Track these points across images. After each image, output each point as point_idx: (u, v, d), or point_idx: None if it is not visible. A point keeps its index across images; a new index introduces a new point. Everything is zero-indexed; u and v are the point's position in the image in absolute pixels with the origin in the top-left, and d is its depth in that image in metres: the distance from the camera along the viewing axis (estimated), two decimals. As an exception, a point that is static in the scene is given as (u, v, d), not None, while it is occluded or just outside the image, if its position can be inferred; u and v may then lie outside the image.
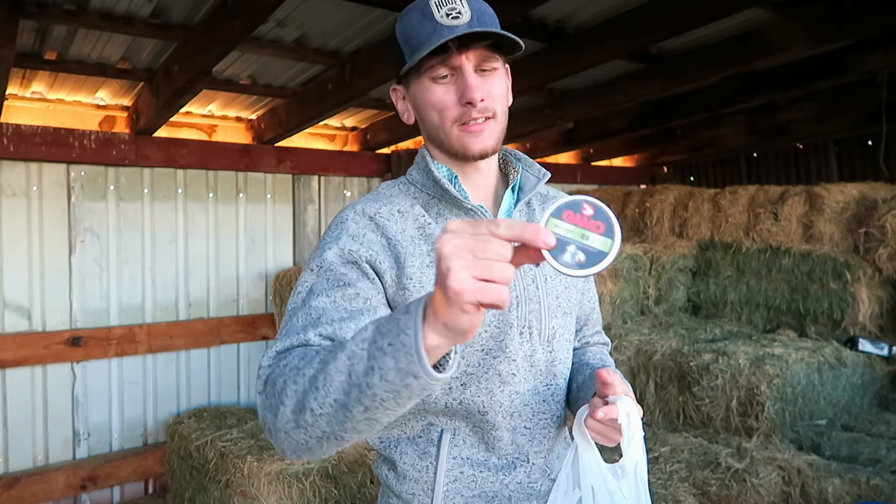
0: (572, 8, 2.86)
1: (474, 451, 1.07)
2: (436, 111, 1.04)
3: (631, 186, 5.82)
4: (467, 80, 1.01)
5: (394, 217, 1.05)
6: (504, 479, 1.07)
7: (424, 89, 1.04)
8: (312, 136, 4.45)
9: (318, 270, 1.00)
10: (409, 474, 1.07)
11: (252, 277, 4.15)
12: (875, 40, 3.43)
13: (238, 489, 2.86)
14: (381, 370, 0.72)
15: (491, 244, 0.65)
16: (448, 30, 0.98)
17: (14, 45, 2.46)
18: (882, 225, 3.66)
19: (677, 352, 3.40)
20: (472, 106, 1.01)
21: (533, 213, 1.17)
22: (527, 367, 1.07)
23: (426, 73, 1.03)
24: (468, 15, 0.99)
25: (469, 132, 1.03)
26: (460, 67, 1.01)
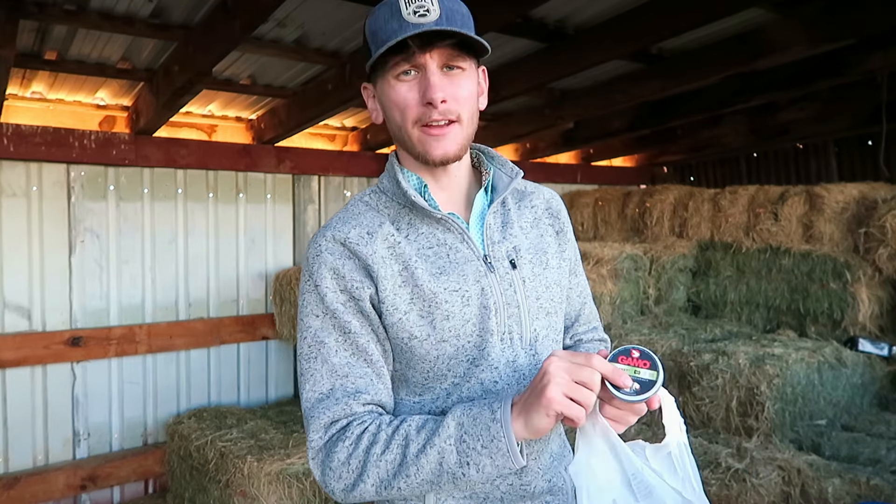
0: (572, 8, 2.86)
1: None
2: (398, 110, 1.03)
3: (631, 186, 5.82)
4: (429, 79, 0.99)
5: (363, 240, 1.04)
6: (495, 480, 1.06)
7: (389, 87, 1.03)
8: (312, 136, 4.45)
9: (324, 317, 1.03)
10: None
11: (252, 277, 4.15)
12: (875, 40, 3.43)
13: (238, 489, 2.86)
14: (478, 465, 0.92)
15: (585, 372, 0.87)
16: (413, 27, 0.96)
17: (14, 45, 2.46)
18: (882, 225, 3.66)
19: (677, 352, 3.40)
20: (432, 106, 0.99)
21: (508, 212, 1.14)
22: (509, 373, 1.06)
23: (390, 71, 1.02)
24: (436, 13, 0.97)
25: (430, 135, 1.02)
26: (424, 66, 1.00)
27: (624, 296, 4.18)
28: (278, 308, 3.98)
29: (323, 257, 1.04)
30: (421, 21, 0.96)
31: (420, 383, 1.06)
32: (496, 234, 1.10)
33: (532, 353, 1.09)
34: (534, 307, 1.09)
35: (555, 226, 1.19)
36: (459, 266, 1.04)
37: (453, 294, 1.03)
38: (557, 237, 1.19)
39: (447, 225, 1.06)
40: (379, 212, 1.08)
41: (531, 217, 1.17)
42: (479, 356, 1.04)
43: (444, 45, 0.99)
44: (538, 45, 3.15)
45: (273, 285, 4.05)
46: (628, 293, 4.22)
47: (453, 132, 1.02)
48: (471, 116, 1.05)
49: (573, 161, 5.77)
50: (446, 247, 1.06)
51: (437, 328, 1.02)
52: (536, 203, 1.19)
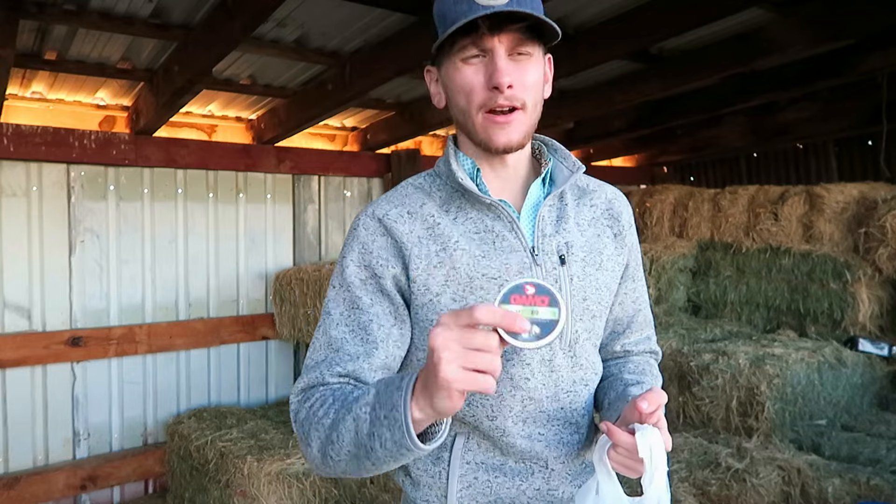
0: (572, 8, 2.86)
1: (489, 455, 1.03)
2: (463, 94, 0.99)
3: (631, 186, 5.82)
4: (496, 63, 0.95)
5: (402, 219, 1.03)
6: (521, 484, 1.02)
7: (455, 69, 0.99)
8: (312, 136, 4.45)
9: (339, 289, 1.03)
10: (423, 480, 1.05)
11: (252, 277, 4.15)
12: (875, 40, 3.43)
13: (238, 489, 2.86)
14: (381, 438, 0.83)
15: (477, 337, 0.73)
16: (484, 8, 0.93)
17: (14, 45, 2.46)
18: (882, 225, 3.66)
19: (677, 352, 3.40)
20: (498, 91, 0.96)
21: (565, 206, 1.09)
22: (546, 372, 1.02)
23: (457, 54, 0.98)
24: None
25: (495, 123, 0.98)
26: (492, 50, 0.96)
27: (624, 296, 4.17)
28: (278, 308, 3.98)
29: (358, 231, 1.04)
30: (491, 3, 0.92)
31: None
32: (549, 227, 1.05)
33: (571, 355, 1.05)
34: (579, 307, 1.05)
35: (613, 227, 1.13)
36: (504, 255, 1.01)
37: (491, 281, 0.99)
38: (615, 239, 1.13)
39: (497, 211, 1.03)
40: (429, 194, 1.06)
41: (590, 215, 1.12)
42: (510, 350, 0.98)
43: (514, 28, 0.95)
44: (538, 45, 3.15)
45: (273, 285, 4.05)
46: (628, 293, 4.21)
47: (517, 120, 0.99)
48: (535, 104, 1.01)
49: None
50: (493, 234, 1.02)
51: None
52: (597, 202, 1.14)
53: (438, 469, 1.04)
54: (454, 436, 1.04)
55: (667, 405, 3.44)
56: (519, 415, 1.02)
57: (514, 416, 1.02)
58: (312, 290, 3.70)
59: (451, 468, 1.02)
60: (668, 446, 0.90)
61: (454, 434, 1.04)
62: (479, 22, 0.93)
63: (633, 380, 1.11)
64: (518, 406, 1.02)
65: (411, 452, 0.81)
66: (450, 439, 1.04)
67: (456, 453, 1.03)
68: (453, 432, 1.04)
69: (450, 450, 1.03)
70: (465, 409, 1.02)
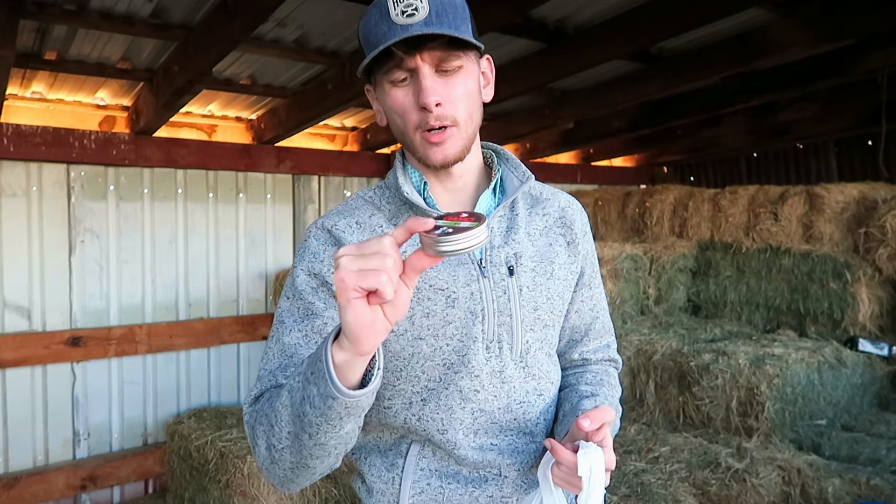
0: (572, 8, 2.86)
1: (443, 463, 1.03)
2: (398, 115, 0.99)
3: (631, 186, 5.82)
4: (422, 83, 0.95)
5: (350, 229, 1.02)
6: (474, 492, 1.02)
7: (385, 93, 0.99)
8: (312, 136, 4.45)
9: (292, 298, 1.01)
10: (377, 486, 1.05)
11: (252, 277, 4.15)
12: (875, 40, 3.43)
13: (238, 489, 2.86)
14: (310, 398, 0.79)
15: (370, 243, 0.71)
16: (402, 29, 0.92)
17: (14, 45, 2.46)
18: (882, 225, 3.66)
19: (677, 352, 3.40)
20: (427, 111, 0.95)
21: (516, 216, 1.08)
22: (497, 383, 1.01)
23: (385, 77, 0.98)
24: (425, 10, 0.92)
25: (430, 142, 0.98)
26: (416, 69, 0.95)
27: (624, 296, 4.18)
28: (278, 308, 3.98)
29: (308, 242, 1.04)
30: (408, 22, 0.92)
31: (391, 384, 1.01)
32: (497, 238, 1.05)
33: (523, 366, 1.04)
34: (529, 317, 1.04)
35: (566, 236, 1.12)
36: (451, 267, 1.00)
37: (438, 293, 0.99)
38: (568, 248, 1.12)
39: None
40: (378, 207, 1.06)
41: (542, 224, 1.11)
42: (459, 362, 1.00)
43: (435, 45, 0.93)
44: (538, 45, 3.15)
45: (273, 285, 4.05)
46: (628, 293, 4.22)
47: (451, 136, 0.98)
48: (469, 115, 1.00)
49: (573, 161, 5.77)
50: None
51: (415, 324, 0.99)
52: (550, 210, 1.13)
53: (392, 475, 1.03)
54: (409, 443, 1.04)
55: (667, 405, 3.44)
56: (470, 427, 1.01)
57: (465, 428, 1.01)
58: (312, 290, 3.70)
59: (405, 474, 1.02)
60: (610, 466, 0.89)
61: (410, 441, 1.04)
62: (392, 48, 0.92)
63: (587, 391, 1.11)
64: (468, 418, 1.01)
65: (337, 401, 0.76)
66: (405, 446, 1.04)
67: (410, 460, 1.03)
68: (409, 440, 1.03)
69: (404, 456, 1.03)
70: (416, 423, 1.01)
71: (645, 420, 3.37)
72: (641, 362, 3.49)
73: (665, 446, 2.85)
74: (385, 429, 1.05)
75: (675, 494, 2.40)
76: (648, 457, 2.75)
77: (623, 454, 2.80)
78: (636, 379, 3.50)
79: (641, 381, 3.49)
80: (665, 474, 2.55)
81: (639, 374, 3.50)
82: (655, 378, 3.43)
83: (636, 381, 3.51)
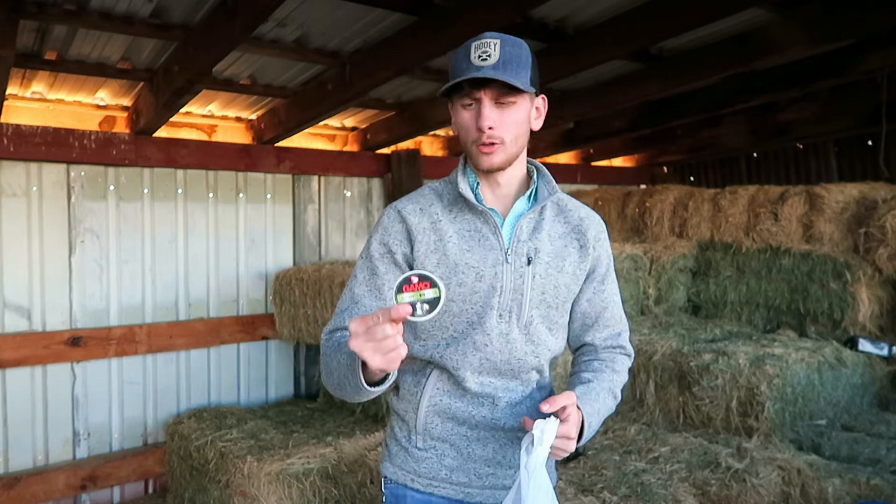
0: (572, 8, 2.86)
1: (452, 387, 1.39)
2: (463, 130, 1.33)
3: (631, 186, 5.82)
4: (482, 112, 1.27)
5: (414, 213, 1.38)
6: (472, 410, 1.38)
7: (456, 112, 1.34)
8: (312, 136, 4.45)
9: (364, 259, 1.40)
10: (405, 396, 1.44)
11: (252, 277, 4.15)
12: (875, 40, 3.43)
13: (238, 489, 2.86)
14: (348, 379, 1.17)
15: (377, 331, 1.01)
16: (474, 69, 1.24)
17: (14, 45, 2.46)
18: (882, 225, 3.66)
19: (677, 352, 3.40)
20: (482, 132, 1.28)
21: (543, 220, 1.39)
22: (502, 342, 1.35)
23: (458, 100, 1.31)
24: (495, 58, 1.24)
25: (481, 152, 1.31)
26: (480, 100, 1.28)
27: (624, 296, 4.16)
28: (278, 308, 3.98)
29: (383, 219, 1.40)
30: (482, 64, 1.24)
31: (426, 329, 1.38)
32: (524, 234, 1.36)
33: (525, 333, 1.37)
34: (536, 298, 1.35)
35: (580, 241, 1.42)
36: (484, 251, 1.34)
37: (471, 269, 1.33)
38: (580, 251, 1.42)
39: (485, 217, 1.35)
40: (440, 196, 1.41)
41: (561, 230, 1.41)
42: (477, 322, 1.34)
43: (495, 86, 1.25)
44: (538, 45, 3.15)
45: (273, 285, 4.05)
46: (628, 293, 4.22)
47: (497, 150, 1.30)
48: (514, 138, 1.31)
49: (573, 161, 5.77)
50: (479, 234, 1.35)
51: (451, 289, 1.32)
52: (570, 220, 1.44)
53: (417, 390, 1.41)
54: (431, 370, 1.40)
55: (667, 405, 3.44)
56: (476, 368, 1.36)
57: (472, 368, 1.36)
58: (312, 290, 3.70)
59: (425, 390, 1.40)
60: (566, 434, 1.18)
61: (432, 369, 1.40)
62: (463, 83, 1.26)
63: (586, 378, 1.41)
64: (476, 363, 1.36)
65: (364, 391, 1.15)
66: (429, 371, 1.40)
67: (430, 381, 1.39)
68: (431, 368, 1.40)
69: (427, 377, 1.40)
70: (439, 359, 1.37)
71: (645, 420, 3.36)
72: (641, 362, 3.49)
73: (665, 446, 2.85)
74: (416, 359, 1.41)
75: (675, 494, 2.39)
76: (648, 457, 2.75)
77: (623, 454, 2.80)
78: (636, 379, 3.50)
79: (641, 381, 3.49)
80: (665, 474, 2.55)
81: (639, 374, 3.49)
82: (655, 378, 3.43)
83: (636, 381, 3.51)
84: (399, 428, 1.46)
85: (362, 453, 2.88)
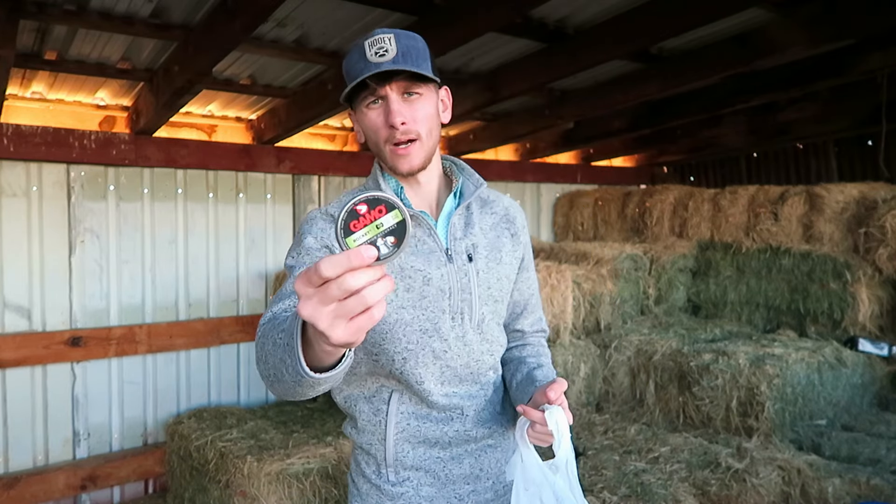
0: (572, 8, 2.86)
1: (418, 407, 1.30)
2: (372, 132, 1.25)
3: (631, 186, 5.82)
4: (389, 107, 1.20)
5: None
6: (444, 427, 1.30)
7: (362, 115, 1.25)
8: (312, 136, 4.45)
9: (297, 256, 1.23)
10: (367, 428, 1.32)
11: (252, 277, 4.15)
12: (875, 40, 3.43)
13: (238, 489, 2.86)
14: (286, 363, 0.88)
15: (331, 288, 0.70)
16: (374, 66, 1.17)
17: (14, 45, 2.46)
18: (882, 225, 3.66)
19: (677, 352, 3.40)
20: (394, 129, 1.20)
21: (471, 215, 1.35)
22: (460, 346, 1.28)
23: (361, 102, 1.23)
24: (393, 52, 1.18)
25: (397, 154, 1.23)
26: (386, 96, 1.20)
27: (624, 296, 4.18)
28: (278, 308, 3.98)
29: (315, 221, 1.27)
30: (380, 60, 1.17)
31: (377, 343, 1.26)
32: (458, 231, 1.31)
33: (479, 332, 1.32)
34: (484, 294, 1.31)
35: (510, 229, 1.40)
36: (425, 255, 1.27)
37: (417, 272, 1.25)
38: (512, 239, 1.40)
39: (418, 221, 1.28)
40: None
41: (491, 221, 1.38)
42: (432, 328, 1.26)
43: (401, 78, 1.19)
44: (538, 45, 3.15)
45: (273, 285, 4.05)
46: (628, 293, 4.22)
47: (415, 148, 1.23)
48: (429, 132, 1.25)
49: (573, 161, 5.77)
50: (415, 238, 1.27)
51: (399, 296, 1.24)
52: (496, 209, 1.41)
53: (378, 418, 1.31)
54: (391, 392, 1.30)
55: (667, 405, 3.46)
56: (439, 379, 1.29)
57: (435, 380, 1.28)
58: (312, 290, 3.70)
59: (389, 417, 1.29)
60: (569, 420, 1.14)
61: (390, 390, 1.30)
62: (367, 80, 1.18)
63: (534, 363, 1.40)
64: (438, 373, 1.28)
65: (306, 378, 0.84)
66: (387, 395, 1.30)
67: (392, 406, 1.29)
68: (390, 389, 1.30)
69: (387, 402, 1.30)
70: (399, 375, 1.27)
71: (645, 420, 3.37)
72: (641, 362, 3.49)
73: (665, 446, 2.85)
74: (369, 378, 1.31)
75: (675, 494, 2.39)
76: (648, 457, 2.75)
77: (623, 454, 2.80)
78: (636, 379, 3.50)
79: (641, 381, 3.49)
80: (665, 474, 2.55)
81: (639, 374, 3.50)
82: (655, 378, 3.43)
83: (636, 381, 3.51)
84: (366, 463, 1.34)
85: (362, 453, 2.87)
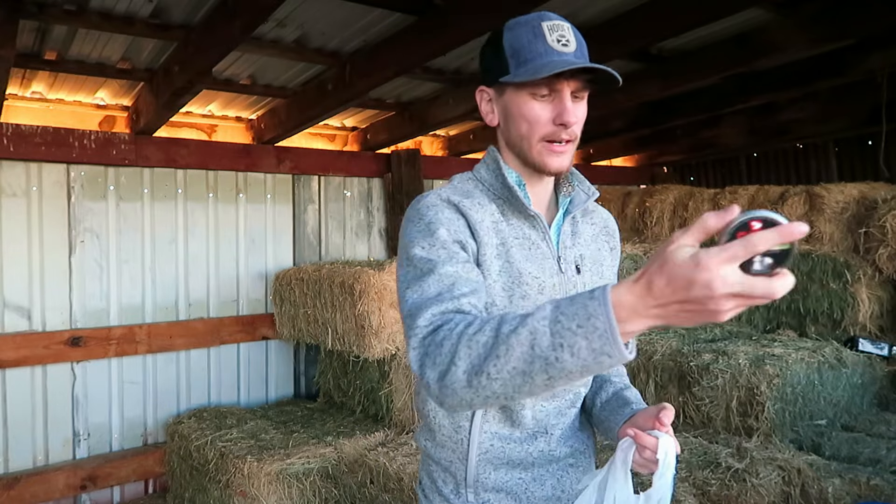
0: (572, 8, 2.86)
1: (501, 426, 1.20)
2: (527, 123, 1.13)
3: (631, 186, 5.82)
4: (565, 105, 1.10)
5: (475, 207, 1.14)
6: (528, 447, 1.21)
7: (522, 101, 1.12)
8: (312, 136, 4.45)
9: (431, 248, 1.08)
10: (447, 444, 1.23)
11: (252, 277, 4.15)
12: (875, 40, 3.42)
13: (238, 489, 2.86)
14: (572, 347, 0.81)
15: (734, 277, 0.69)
16: (559, 55, 1.07)
17: (14, 45, 2.46)
18: (882, 225, 3.66)
19: (677, 352, 3.40)
20: (564, 127, 1.12)
21: (577, 223, 1.27)
22: None
23: (527, 88, 1.10)
24: (574, 44, 1.10)
25: (552, 152, 1.14)
26: (560, 91, 1.10)
27: (624, 296, 4.17)
28: (278, 308, 3.98)
29: (439, 208, 1.12)
30: (565, 50, 1.08)
31: None
32: (568, 240, 1.23)
33: None
34: None
35: (610, 243, 1.34)
36: (539, 260, 1.18)
37: (534, 279, 1.16)
38: (611, 253, 1.34)
39: (534, 222, 1.19)
40: (487, 191, 1.20)
41: (592, 232, 1.30)
42: None
43: (583, 77, 1.10)
44: (538, 45, 3.15)
45: (273, 285, 4.05)
46: (628, 293, 4.21)
47: (570, 150, 1.16)
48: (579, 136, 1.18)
49: (573, 161, 5.77)
50: (529, 241, 1.18)
51: (513, 303, 1.14)
52: (597, 221, 1.34)
53: (460, 437, 1.21)
54: (474, 412, 1.19)
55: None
56: None
57: None
58: (312, 290, 3.70)
59: (472, 436, 1.19)
60: (678, 450, 1.06)
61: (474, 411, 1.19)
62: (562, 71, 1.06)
63: (620, 383, 1.32)
64: None
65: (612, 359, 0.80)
66: (470, 412, 1.19)
67: (476, 425, 1.19)
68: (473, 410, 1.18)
69: (470, 421, 1.20)
70: None
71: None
72: (641, 362, 3.49)
73: (665, 446, 2.84)
74: None
75: (675, 494, 2.39)
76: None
77: (623, 454, 2.79)
78: (636, 379, 3.50)
79: (641, 381, 3.49)
80: (665, 474, 2.55)
81: (639, 374, 3.49)
82: (655, 378, 3.43)
83: (636, 381, 3.51)
84: (443, 481, 1.26)
85: (362, 453, 2.88)
